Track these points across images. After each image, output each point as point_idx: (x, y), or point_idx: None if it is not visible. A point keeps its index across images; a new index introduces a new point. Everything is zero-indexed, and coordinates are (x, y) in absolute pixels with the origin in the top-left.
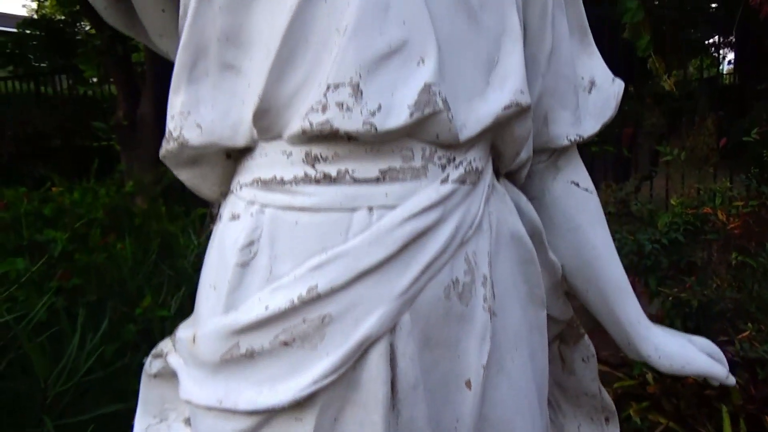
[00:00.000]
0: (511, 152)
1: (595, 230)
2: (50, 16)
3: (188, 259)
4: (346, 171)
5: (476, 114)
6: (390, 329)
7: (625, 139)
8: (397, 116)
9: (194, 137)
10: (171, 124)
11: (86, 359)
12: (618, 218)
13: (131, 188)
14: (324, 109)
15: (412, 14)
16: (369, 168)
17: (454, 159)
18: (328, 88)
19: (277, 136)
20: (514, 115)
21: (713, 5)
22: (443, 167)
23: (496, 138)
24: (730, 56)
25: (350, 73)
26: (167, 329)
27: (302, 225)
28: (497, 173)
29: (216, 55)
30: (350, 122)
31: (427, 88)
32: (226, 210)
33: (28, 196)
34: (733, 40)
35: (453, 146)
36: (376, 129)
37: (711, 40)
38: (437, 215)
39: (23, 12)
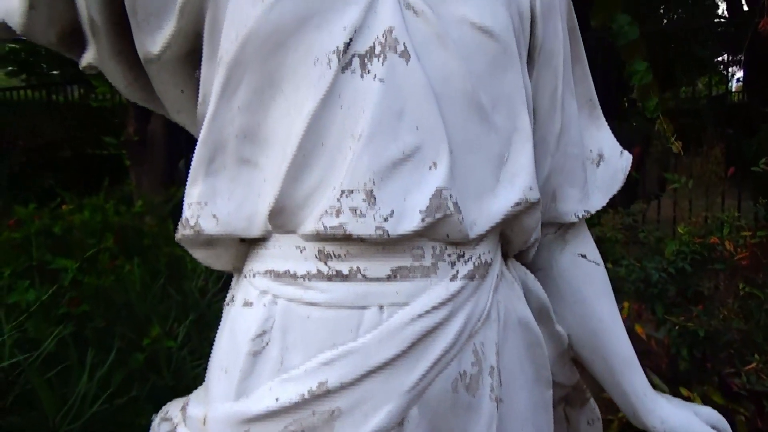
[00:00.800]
0: (519, 240)
1: (602, 303)
2: None
3: (195, 284)
4: (358, 269)
5: (486, 211)
6: (398, 423)
7: (634, 159)
8: (409, 222)
9: (210, 227)
10: (188, 212)
11: (93, 396)
12: (625, 245)
13: (140, 208)
14: (338, 213)
15: (426, 120)
16: (380, 267)
17: (464, 254)
18: (342, 193)
19: (291, 231)
20: (523, 211)
21: (719, 29)
22: (453, 264)
23: (505, 228)
24: (739, 74)
25: (364, 180)
26: (173, 357)
27: (314, 320)
28: (506, 255)
29: (234, 150)
30: (363, 227)
31: (438, 193)
32: (239, 295)
33: (39, 214)
34: (742, 58)
35: (463, 243)
36: (388, 234)
37: (720, 58)
38: (447, 312)
39: None
